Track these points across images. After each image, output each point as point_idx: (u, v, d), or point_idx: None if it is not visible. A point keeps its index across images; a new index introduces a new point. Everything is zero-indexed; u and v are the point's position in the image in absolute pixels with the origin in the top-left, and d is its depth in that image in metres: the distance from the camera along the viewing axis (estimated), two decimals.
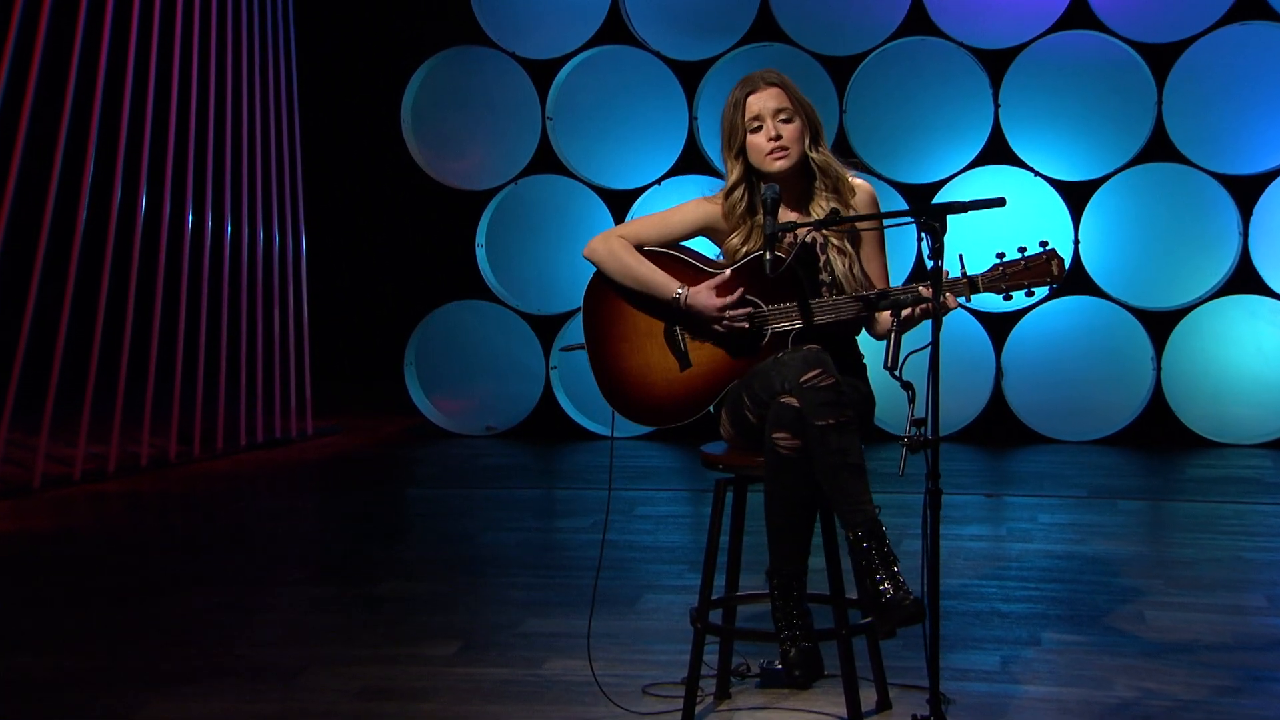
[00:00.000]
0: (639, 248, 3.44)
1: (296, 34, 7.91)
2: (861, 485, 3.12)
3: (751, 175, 3.43)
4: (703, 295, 3.35)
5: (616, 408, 3.46)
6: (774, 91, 3.40)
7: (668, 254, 3.44)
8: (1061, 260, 3.25)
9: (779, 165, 3.38)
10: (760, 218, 3.39)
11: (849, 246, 3.40)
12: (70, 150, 6.32)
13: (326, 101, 9.03)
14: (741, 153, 3.42)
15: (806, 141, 3.40)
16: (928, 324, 3.14)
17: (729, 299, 3.33)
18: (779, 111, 3.38)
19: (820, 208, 3.40)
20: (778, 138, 3.37)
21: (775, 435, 3.17)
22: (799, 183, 3.43)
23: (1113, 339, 7.38)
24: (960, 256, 3.25)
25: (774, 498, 3.20)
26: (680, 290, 3.36)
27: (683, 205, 3.50)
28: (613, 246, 3.42)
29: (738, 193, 3.43)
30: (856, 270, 3.39)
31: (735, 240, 3.43)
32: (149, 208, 6.82)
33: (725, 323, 3.33)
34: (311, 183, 8.11)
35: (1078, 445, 7.33)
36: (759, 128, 3.39)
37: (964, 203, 3.08)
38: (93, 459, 6.66)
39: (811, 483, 3.17)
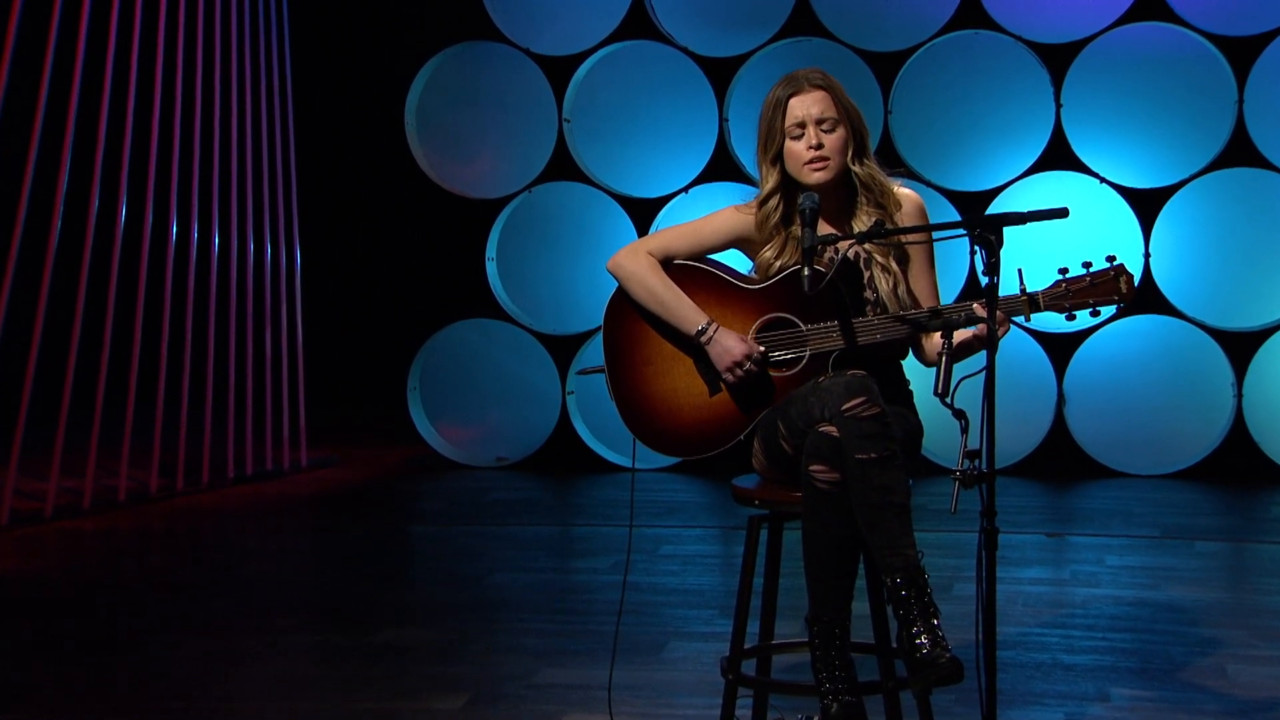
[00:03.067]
0: (669, 260, 3.46)
1: (291, 27, 7.96)
2: (903, 527, 3.12)
3: (788, 184, 3.45)
4: (729, 340, 3.36)
5: (639, 436, 3.47)
6: (819, 95, 3.41)
7: (698, 268, 3.46)
8: (1131, 277, 3.26)
9: (817, 178, 3.40)
10: (796, 230, 3.40)
11: (894, 265, 3.41)
12: (44, 156, 6.37)
13: (323, 101, 9.09)
14: (779, 159, 3.44)
15: (850, 153, 3.41)
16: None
17: (753, 351, 3.34)
18: (823, 119, 3.40)
19: (862, 223, 3.42)
20: (819, 147, 3.39)
21: (812, 468, 3.18)
22: (839, 195, 3.45)
23: (1188, 362, 7.35)
24: (1019, 271, 3.25)
25: (812, 537, 3.20)
26: (704, 326, 3.38)
27: (715, 214, 3.52)
28: (639, 264, 3.44)
29: (772, 202, 3.45)
30: (902, 291, 3.40)
31: (768, 254, 3.44)
32: (129, 218, 6.86)
33: (738, 375, 3.34)
34: (306, 190, 8.16)
35: (1149, 480, 7.30)
36: (800, 134, 3.40)
37: (1022, 214, 3.09)
38: (66, 494, 6.70)
39: (853, 520, 3.17)
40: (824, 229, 3.41)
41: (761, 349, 3.37)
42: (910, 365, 3.49)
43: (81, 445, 6.72)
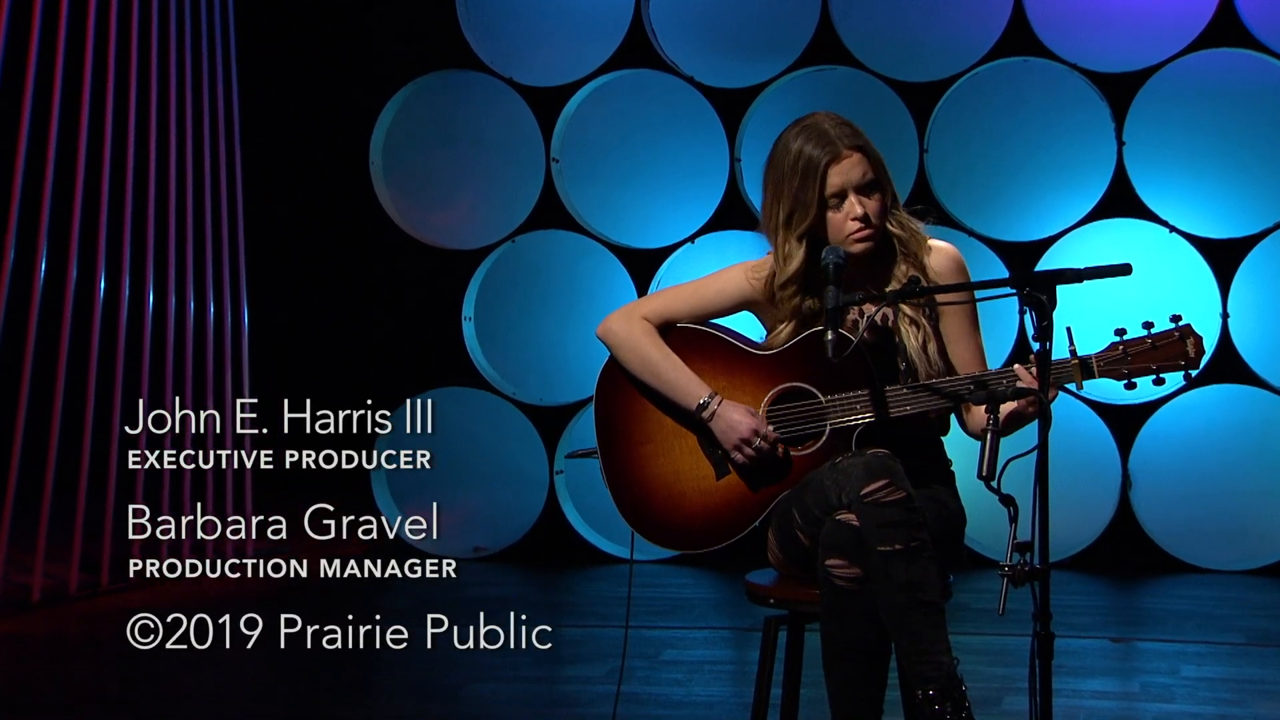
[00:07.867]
0: (669, 325, 3.47)
1: (238, 53, 8.01)
2: (936, 630, 3.12)
3: (814, 264, 3.42)
4: (735, 415, 3.37)
5: (637, 527, 3.48)
6: (857, 158, 3.41)
7: (703, 332, 3.47)
8: (1199, 339, 3.27)
9: (861, 249, 3.41)
10: (813, 303, 3.42)
11: (924, 320, 3.42)
12: None
13: (276, 138, 9.14)
14: (807, 235, 3.43)
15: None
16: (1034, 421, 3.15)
17: (763, 428, 3.35)
18: (863, 184, 3.40)
19: (896, 283, 3.43)
20: (863, 217, 3.39)
21: (829, 562, 3.18)
22: (870, 257, 3.45)
23: (1274, 439, 7.35)
24: (1069, 330, 3.26)
25: (833, 642, 3.20)
26: (705, 400, 3.39)
27: (720, 274, 3.53)
28: (632, 330, 3.46)
29: (792, 289, 3.44)
30: (933, 350, 3.41)
31: (787, 331, 3.45)
32: (49, 273, 6.87)
33: (747, 454, 3.35)
34: (256, 240, 8.18)
35: (1231, 576, 7.27)
36: (839, 204, 3.40)
37: (1079, 270, 3.10)
38: None
39: (880, 621, 3.17)
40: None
41: (770, 427, 3.38)
42: (954, 440, 3.49)
43: None
